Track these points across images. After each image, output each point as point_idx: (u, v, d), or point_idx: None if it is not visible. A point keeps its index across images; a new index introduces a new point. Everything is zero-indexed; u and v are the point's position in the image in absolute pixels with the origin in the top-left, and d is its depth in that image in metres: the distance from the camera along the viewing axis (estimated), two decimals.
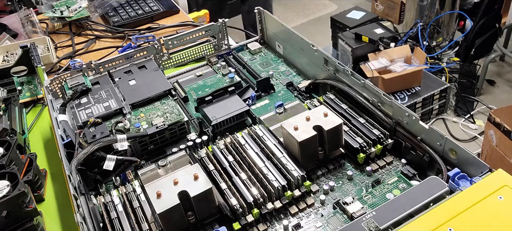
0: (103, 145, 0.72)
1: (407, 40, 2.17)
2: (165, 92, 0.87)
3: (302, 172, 0.67)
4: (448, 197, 0.55)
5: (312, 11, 3.46)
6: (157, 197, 0.59)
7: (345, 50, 1.91)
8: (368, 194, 0.66)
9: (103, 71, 0.96)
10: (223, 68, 1.00)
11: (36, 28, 1.38)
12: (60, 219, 0.77)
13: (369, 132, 0.73)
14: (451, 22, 2.31)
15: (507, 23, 2.35)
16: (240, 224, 0.63)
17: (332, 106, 0.81)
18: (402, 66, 1.76)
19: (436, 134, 0.66)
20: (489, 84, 2.37)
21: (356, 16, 2.19)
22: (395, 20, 2.63)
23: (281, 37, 1.02)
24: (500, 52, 2.34)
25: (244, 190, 0.65)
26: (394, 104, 0.72)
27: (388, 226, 0.54)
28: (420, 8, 2.28)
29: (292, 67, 1.01)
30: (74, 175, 0.67)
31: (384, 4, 2.66)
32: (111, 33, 1.37)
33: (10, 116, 0.93)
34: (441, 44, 2.34)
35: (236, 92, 0.88)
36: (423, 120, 0.69)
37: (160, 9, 1.44)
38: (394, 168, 0.71)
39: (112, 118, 0.82)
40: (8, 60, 1.20)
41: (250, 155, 0.71)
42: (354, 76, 0.79)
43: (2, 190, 0.66)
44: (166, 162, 0.75)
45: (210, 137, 0.80)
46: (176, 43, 1.02)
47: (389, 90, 1.73)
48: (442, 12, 2.25)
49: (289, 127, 0.68)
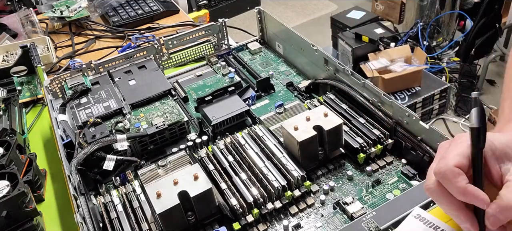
0: (103, 145, 0.72)
1: (407, 40, 2.17)
2: (165, 92, 0.87)
3: (302, 172, 0.67)
4: None
5: (312, 11, 3.46)
6: (157, 197, 0.59)
7: (345, 50, 1.91)
8: (368, 194, 0.66)
9: (103, 71, 0.95)
10: (223, 68, 1.00)
11: (36, 28, 1.38)
12: (60, 219, 0.77)
13: (369, 132, 0.73)
14: (451, 22, 2.31)
15: (507, 23, 2.35)
16: (240, 224, 0.62)
17: (332, 106, 0.81)
18: (402, 66, 1.76)
19: (436, 134, 0.65)
20: (489, 84, 2.37)
21: (356, 16, 2.19)
22: (395, 20, 2.63)
23: (281, 37, 1.02)
24: (500, 52, 2.34)
25: (244, 190, 0.65)
26: (394, 104, 0.72)
27: (388, 226, 0.54)
28: (420, 8, 2.28)
29: (292, 67, 1.01)
30: (74, 175, 0.67)
31: (384, 4, 2.66)
32: (111, 33, 1.37)
33: (10, 116, 0.93)
34: (441, 44, 2.34)
35: (236, 92, 0.87)
36: (423, 120, 0.69)
37: (160, 9, 1.43)
38: (394, 168, 0.71)
39: (112, 118, 0.81)
40: (8, 60, 1.20)
41: (250, 155, 0.71)
42: (354, 76, 0.79)
43: (2, 190, 0.66)
44: (166, 162, 0.75)
45: (210, 137, 0.80)
46: (176, 43, 1.02)
47: (389, 90, 1.73)
48: (442, 12, 2.25)
49: (289, 127, 0.68)
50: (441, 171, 0.40)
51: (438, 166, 0.40)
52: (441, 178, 0.40)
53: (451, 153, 0.41)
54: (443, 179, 0.40)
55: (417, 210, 0.51)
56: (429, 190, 0.42)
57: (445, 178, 0.40)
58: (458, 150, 0.41)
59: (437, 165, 0.41)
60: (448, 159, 0.40)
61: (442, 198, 0.41)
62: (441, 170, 0.40)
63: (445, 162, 0.40)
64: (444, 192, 0.41)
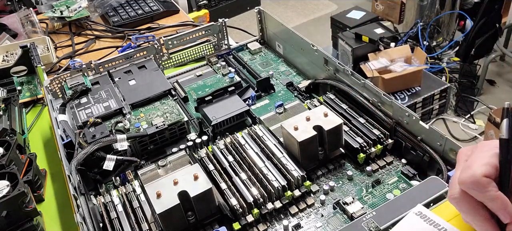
0: (103, 145, 0.72)
1: (407, 40, 2.17)
2: (165, 92, 0.87)
3: (302, 172, 0.67)
4: None
5: (312, 11, 3.46)
6: (157, 197, 0.59)
7: (345, 50, 1.91)
8: (368, 194, 0.66)
9: (103, 71, 0.95)
10: (223, 68, 1.00)
11: (36, 28, 1.38)
12: (60, 219, 0.77)
13: (369, 132, 0.73)
14: (451, 22, 2.31)
15: (507, 23, 2.35)
16: (240, 224, 0.62)
17: (332, 106, 0.81)
18: (402, 66, 1.76)
19: (436, 134, 0.65)
20: (489, 84, 2.37)
21: (356, 16, 2.19)
22: (395, 20, 2.63)
23: (281, 37, 1.02)
24: (500, 52, 2.34)
25: (244, 190, 0.65)
26: (394, 104, 0.72)
27: (388, 226, 0.54)
28: (420, 8, 2.28)
29: (292, 67, 1.01)
30: (74, 175, 0.67)
31: (384, 4, 2.67)
32: (111, 33, 1.37)
33: (10, 116, 0.93)
34: (441, 44, 2.34)
35: (236, 92, 0.87)
36: (423, 120, 0.69)
37: (160, 9, 1.43)
38: (394, 168, 0.71)
39: (112, 118, 0.81)
40: (8, 60, 1.20)
41: (250, 155, 0.71)
42: (354, 76, 0.79)
43: (2, 190, 0.66)
44: (166, 162, 0.75)
45: (210, 137, 0.80)
46: (176, 43, 1.02)
47: (389, 90, 1.73)
48: (442, 12, 2.25)
49: (289, 127, 0.68)
50: (469, 181, 0.39)
51: (465, 176, 0.39)
52: (468, 187, 0.39)
53: (477, 162, 0.40)
54: (470, 189, 0.39)
55: (418, 207, 0.51)
56: (455, 200, 0.41)
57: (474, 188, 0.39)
58: (484, 159, 0.40)
59: (462, 175, 0.40)
60: (474, 168, 0.39)
61: (468, 207, 0.40)
62: (468, 180, 0.39)
63: (472, 171, 0.39)
64: (470, 201, 0.40)
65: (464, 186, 0.40)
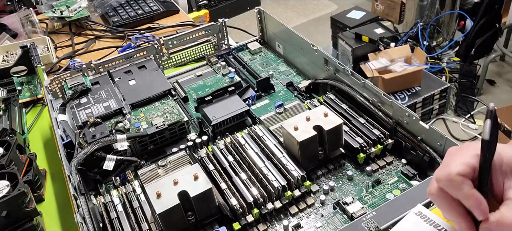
0: (103, 145, 0.72)
1: (407, 40, 2.17)
2: (165, 92, 0.87)
3: (302, 172, 0.67)
4: None
5: (312, 11, 3.46)
6: (157, 197, 0.59)
7: (345, 50, 1.91)
8: (368, 194, 0.66)
9: (103, 71, 0.95)
10: (223, 68, 1.00)
11: (36, 28, 1.38)
12: (60, 219, 0.77)
13: (369, 132, 0.73)
14: (451, 22, 2.31)
15: (507, 23, 2.35)
16: (240, 224, 0.62)
17: (332, 106, 0.81)
18: (402, 66, 1.76)
19: (436, 134, 0.65)
20: (489, 84, 2.37)
21: (356, 16, 2.19)
22: (395, 20, 2.63)
23: (281, 37, 1.02)
24: (500, 52, 2.34)
25: (244, 190, 0.65)
26: (394, 104, 0.72)
27: (388, 226, 0.54)
28: (420, 8, 2.28)
29: (292, 67, 1.01)
30: (74, 175, 0.67)
31: (384, 4, 2.67)
32: (111, 33, 1.37)
33: (10, 116, 0.93)
34: (441, 44, 2.34)
35: (236, 92, 0.87)
36: (423, 120, 0.69)
37: (160, 9, 1.43)
38: (394, 168, 0.71)
39: (112, 118, 0.81)
40: (8, 60, 1.20)
41: (250, 155, 0.71)
42: (354, 76, 0.79)
43: (2, 190, 0.66)
44: (166, 162, 0.75)
45: (210, 137, 0.80)
46: (176, 43, 1.02)
47: (389, 90, 1.73)
48: (442, 12, 2.25)
49: (289, 127, 0.68)
50: (443, 178, 0.41)
51: (441, 173, 0.41)
52: (443, 184, 0.41)
53: (455, 160, 0.41)
54: (445, 186, 0.41)
55: (418, 207, 0.51)
56: (432, 195, 0.43)
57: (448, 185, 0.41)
58: (463, 159, 0.41)
59: (439, 172, 0.42)
60: (451, 166, 0.41)
61: (444, 203, 0.42)
62: (443, 177, 0.41)
63: (448, 170, 0.41)
64: (446, 198, 0.41)
65: (440, 183, 0.41)
